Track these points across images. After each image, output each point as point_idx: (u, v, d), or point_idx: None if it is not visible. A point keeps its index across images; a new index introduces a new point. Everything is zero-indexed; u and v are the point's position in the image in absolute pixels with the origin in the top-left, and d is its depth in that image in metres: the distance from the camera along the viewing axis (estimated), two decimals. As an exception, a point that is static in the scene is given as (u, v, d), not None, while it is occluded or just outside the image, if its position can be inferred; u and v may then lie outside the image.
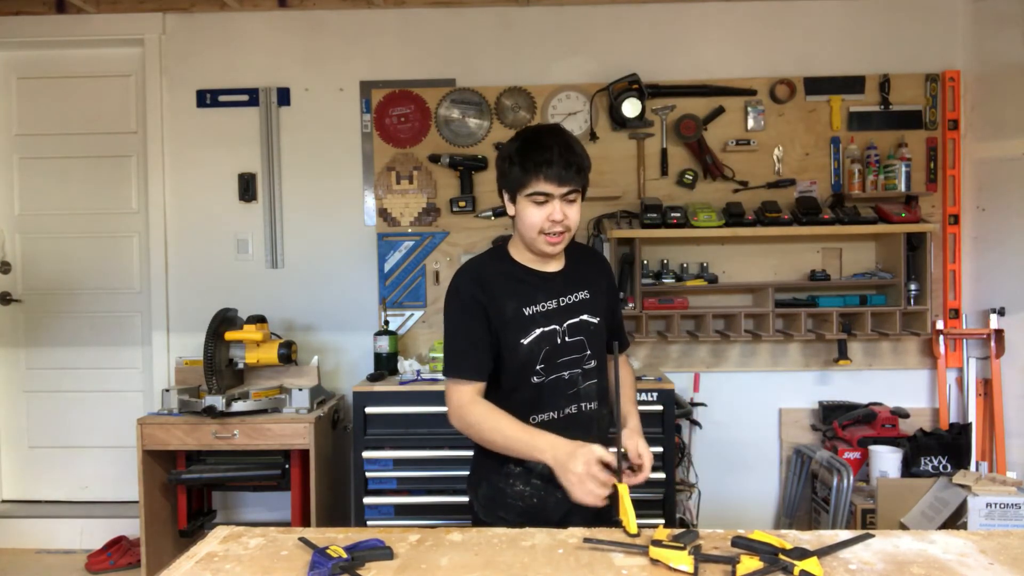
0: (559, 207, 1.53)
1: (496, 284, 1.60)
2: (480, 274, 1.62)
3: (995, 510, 2.23)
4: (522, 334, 1.58)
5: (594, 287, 1.69)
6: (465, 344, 1.59)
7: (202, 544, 1.29)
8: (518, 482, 1.63)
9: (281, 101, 3.36)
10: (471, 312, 1.58)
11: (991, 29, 3.12)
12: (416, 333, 3.32)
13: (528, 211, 1.55)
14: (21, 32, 3.37)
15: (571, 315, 1.63)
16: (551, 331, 1.60)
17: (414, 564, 1.19)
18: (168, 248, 3.41)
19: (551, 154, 1.51)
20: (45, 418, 3.57)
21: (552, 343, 1.60)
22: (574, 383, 1.63)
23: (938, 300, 3.20)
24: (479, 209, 3.28)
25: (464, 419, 1.57)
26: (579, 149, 1.56)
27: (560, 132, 1.58)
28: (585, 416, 1.64)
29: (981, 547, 1.24)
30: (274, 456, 2.94)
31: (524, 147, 1.55)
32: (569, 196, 1.54)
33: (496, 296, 1.59)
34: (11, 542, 3.41)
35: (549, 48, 3.31)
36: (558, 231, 1.55)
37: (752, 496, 3.32)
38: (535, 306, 1.61)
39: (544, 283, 1.63)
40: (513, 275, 1.63)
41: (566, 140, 1.55)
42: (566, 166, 1.51)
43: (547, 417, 1.61)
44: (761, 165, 3.25)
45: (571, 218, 1.56)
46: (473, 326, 1.58)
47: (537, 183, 1.52)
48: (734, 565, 1.15)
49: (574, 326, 1.63)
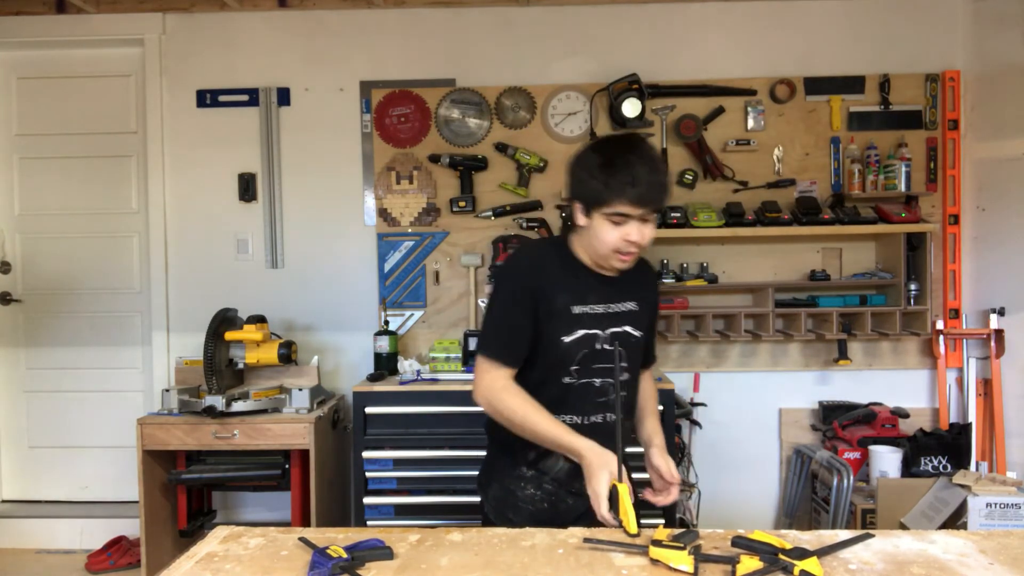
0: (636, 228, 1.50)
1: (552, 274, 1.58)
2: (538, 261, 1.60)
3: (995, 510, 2.23)
4: (565, 331, 1.56)
5: (642, 300, 1.66)
6: (507, 327, 1.58)
7: (202, 544, 1.29)
8: (529, 485, 1.62)
9: (281, 101, 3.36)
10: (520, 297, 1.56)
11: (991, 29, 3.12)
12: (416, 333, 3.32)
13: (604, 229, 1.51)
14: (21, 32, 3.37)
15: (615, 323, 1.61)
16: (592, 335, 1.58)
17: (414, 564, 1.19)
18: (168, 248, 3.41)
19: (637, 175, 1.46)
20: (45, 418, 3.57)
21: (591, 347, 1.58)
22: (604, 392, 1.60)
23: (938, 300, 3.20)
24: (479, 209, 3.28)
25: (494, 405, 1.56)
26: (663, 168, 1.52)
27: (646, 151, 1.51)
28: (609, 427, 1.59)
29: (981, 547, 1.24)
30: (274, 456, 2.94)
31: (608, 164, 1.48)
32: (647, 217, 1.51)
33: (549, 286, 1.56)
34: (11, 542, 3.41)
35: (549, 48, 3.31)
36: (632, 251, 1.53)
37: (752, 496, 3.32)
38: (584, 306, 1.58)
39: (598, 285, 1.60)
40: (570, 269, 1.60)
41: (653, 160, 1.49)
42: (651, 187, 1.47)
43: (570, 420, 1.58)
44: (761, 165, 3.25)
45: (645, 239, 1.52)
46: (518, 311, 1.56)
47: (619, 204, 1.47)
48: (734, 565, 1.15)
49: (615, 336, 1.60)
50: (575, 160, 1.56)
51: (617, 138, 1.57)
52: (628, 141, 1.54)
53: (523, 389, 1.57)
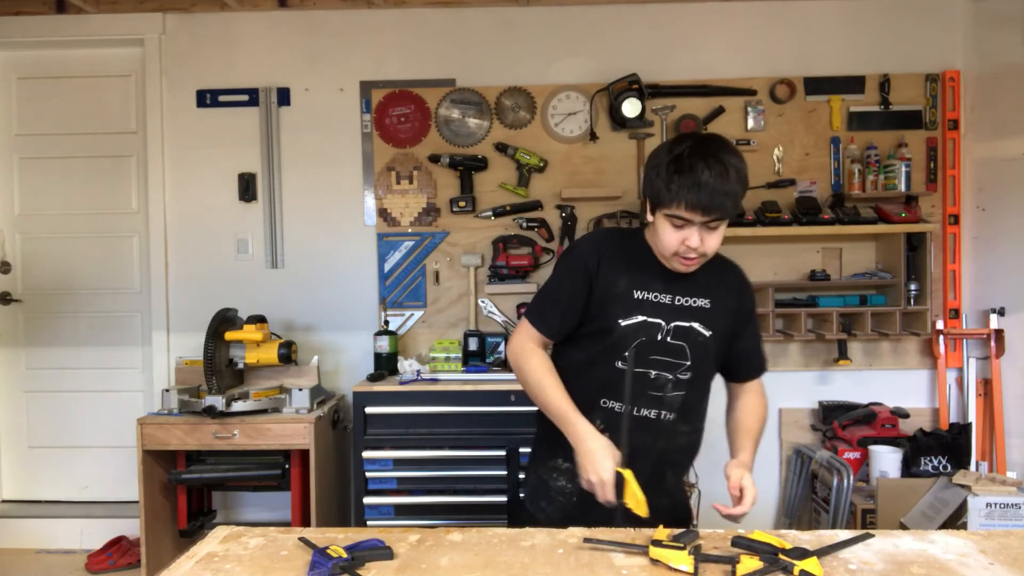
0: (697, 234, 1.43)
1: (617, 257, 1.55)
2: (605, 244, 1.58)
3: (995, 510, 2.23)
4: (624, 314, 1.52)
5: (719, 301, 1.57)
6: (552, 298, 1.59)
7: (202, 544, 1.29)
8: (562, 478, 1.62)
9: (281, 101, 3.36)
10: (576, 276, 1.56)
11: (991, 29, 3.12)
12: (416, 333, 3.32)
13: (664, 230, 1.46)
14: (21, 32, 3.37)
15: (681, 317, 1.54)
16: (654, 324, 1.52)
17: (414, 564, 1.19)
18: (168, 248, 3.41)
19: (702, 180, 1.38)
20: (45, 418, 3.57)
21: (650, 336, 1.52)
22: (660, 387, 1.54)
23: (938, 300, 3.20)
24: (479, 209, 3.28)
25: (519, 361, 1.58)
26: (735, 175, 1.41)
27: (719, 154, 1.41)
28: (659, 424, 1.56)
29: (981, 547, 1.24)
30: (274, 456, 2.94)
31: (676, 163, 1.41)
32: (711, 224, 1.43)
33: (612, 268, 1.54)
34: (11, 542, 3.41)
35: (549, 48, 3.31)
36: (692, 258, 1.47)
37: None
38: (647, 292, 1.53)
39: (665, 274, 1.54)
40: (638, 255, 1.56)
41: (724, 165, 1.40)
42: (714, 194, 1.38)
43: (617, 407, 1.54)
44: (761, 165, 3.25)
45: (709, 245, 1.45)
46: (570, 288, 1.56)
47: (679, 208, 1.41)
48: (734, 565, 1.15)
49: (680, 330, 1.53)
50: (651, 154, 1.52)
51: (695, 137, 1.48)
52: (703, 141, 1.46)
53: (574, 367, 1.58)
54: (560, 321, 1.58)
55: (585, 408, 1.54)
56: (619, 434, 1.52)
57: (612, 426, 1.54)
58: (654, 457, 1.58)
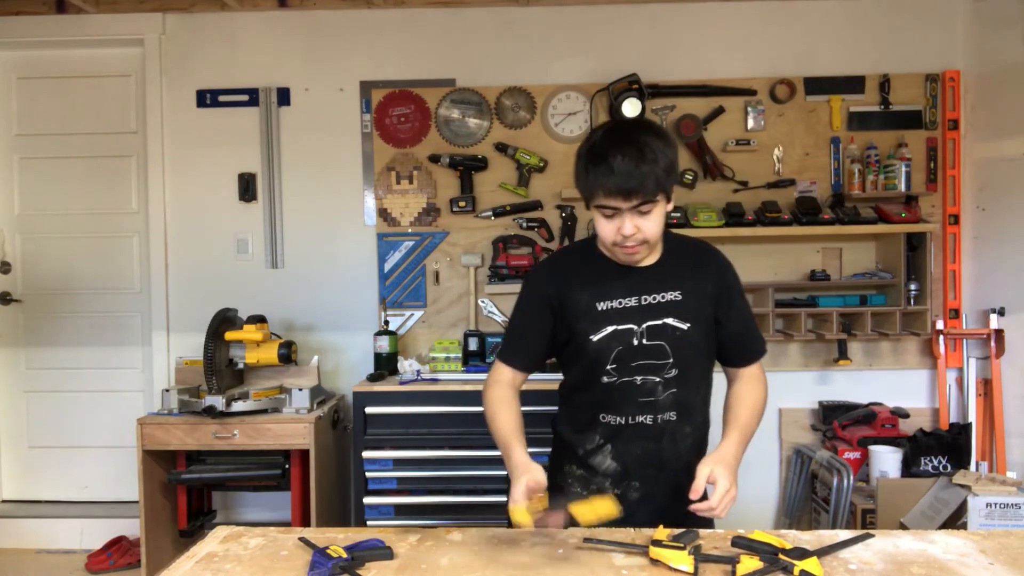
0: (629, 221, 1.38)
1: (574, 273, 1.53)
2: (558, 266, 1.58)
3: (995, 510, 2.23)
4: (593, 330, 1.49)
5: (691, 289, 1.51)
6: (518, 333, 1.59)
7: (202, 544, 1.29)
8: (577, 484, 1.60)
9: (281, 101, 3.36)
10: (534, 300, 1.55)
11: (991, 29, 3.12)
12: (416, 333, 3.32)
13: (599, 223, 1.43)
14: (21, 32, 3.37)
15: (653, 316, 1.49)
16: (626, 330, 1.48)
17: (414, 564, 1.19)
18: (168, 248, 3.41)
19: (615, 165, 1.34)
20: (45, 418, 3.57)
21: (626, 343, 1.48)
22: (650, 391, 1.50)
23: (938, 300, 3.20)
24: (479, 209, 3.28)
25: (485, 394, 1.57)
26: (651, 154, 1.35)
27: (633, 135, 1.38)
28: (658, 428, 1.52)
29: (981, 547, 1.24)
30: (274, 456, 2.94)
31: (590, 154, 1.39)
32: (641, 208, 1.38)
33: (572, 286, 1.52)
34: (11, 542, 3.41)
35: (549, 48, 3.31)
36: (631, 246, 1.42)
37: (752, 496, 3.32)
38: (610, 301, 1.49)
39: (625, 277, 1.50)
40: (595, 266, 1.53)
41: (636, 146, 1.35)
42: (629, 177, 1.34)
43: (615, 421, 1.53)
44: (761, 165, 3.25)
45: (645, 231, 1.40)
46: (530, 314, 1.56)
47: (601, 196, 1.38)
48: (734, 565, 1.15)
49: (655, 329, 1.48)
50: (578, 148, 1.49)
51: (608, 125, 1.46)
52: (616, 127, 1.44)
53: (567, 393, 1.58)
54: (528, 353, 1.58)
55: (588, 425, 1.55)
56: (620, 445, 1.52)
57: (613, 439, 1.54)
58: (664, 464, 1.54)
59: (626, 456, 1.54)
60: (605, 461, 1.56)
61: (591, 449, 1.56)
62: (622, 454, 1.54)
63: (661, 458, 1.54)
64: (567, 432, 1.62)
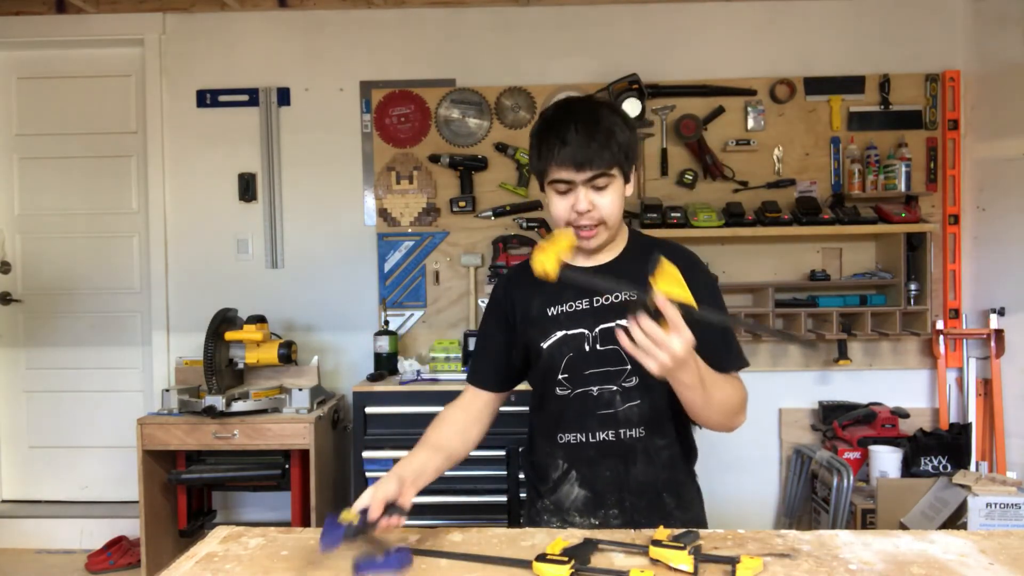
0: (583, 195, 1.30)
1: (525, 282, 1.41)
2: (513, 275, 1.49)
3: (995, 510, 2.23)
4: (543, 337, 1.39)
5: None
6: (480, 348, 1.51)
7: (202, 544, 1.29)
8: (553, 517, 1.46)
9: (281, 101, 3.36)
10: (492, 314, 1.49)
11: (991, 29, 3.12)
12: (416, 333, 3.32)
13: (552, 201, 1.34)
14: (21, 32, 3.37)
15: (606, 318, 1.36)
16: (577, 335, 1.37)
17: (414, 564, 1.19)
18: (168, 248, 3.41)
19: (567, 134, 1.28)
20: (45, 418, 3.57)
21: (577, 350, 1.37)
22: (607, 403, 1.37)
23: (938, 300, 3.20)
24: (479, 209, 3.28)
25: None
26: (608, 124, 1.29)
27: (584, 106, 1.33)
28: (625, 445, 1.38)
29: (981, 547, 1.24)
30: (274, 456, 2.94)
31: (543, 127, 1.34)
32: (595, 182, 1.30)
33: (522, 295, 1.43)
34: (11, 542, 3.41)
35: (549, 48, 3.31)
36: (587, 224, 1.32)
37: (752, 496, 3.32)
38: (560, 305, 1.39)
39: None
40: None
41: (590, 119, 1.30)
42: (585, 145, 1.27)
43: (574, 439, 1.40)
44: (761, 165, 3.25)
45: (601, 208, 1.31)
46: (490, 330, 1.49)
47: (554, 170, 1.30)
48: (734, 565, 1.14)
49: (608, 333, 1.34)
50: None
51: (561, 101, 1.38)
52: (569, 102, 1.36)
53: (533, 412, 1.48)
54: (490, 368, 1.48)
55: (549, 447, 1.44)
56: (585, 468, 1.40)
57: (576, 461, 1.41)
58: (641, 488, 1.40)
59: (595, 481, 1.41)
60: (572, 491, 1.42)
61: (556, 478, 1.43)
62: (590, 480, 1.41)
63: (636, 481, 1.40)
64: (533, 461, 1.51)
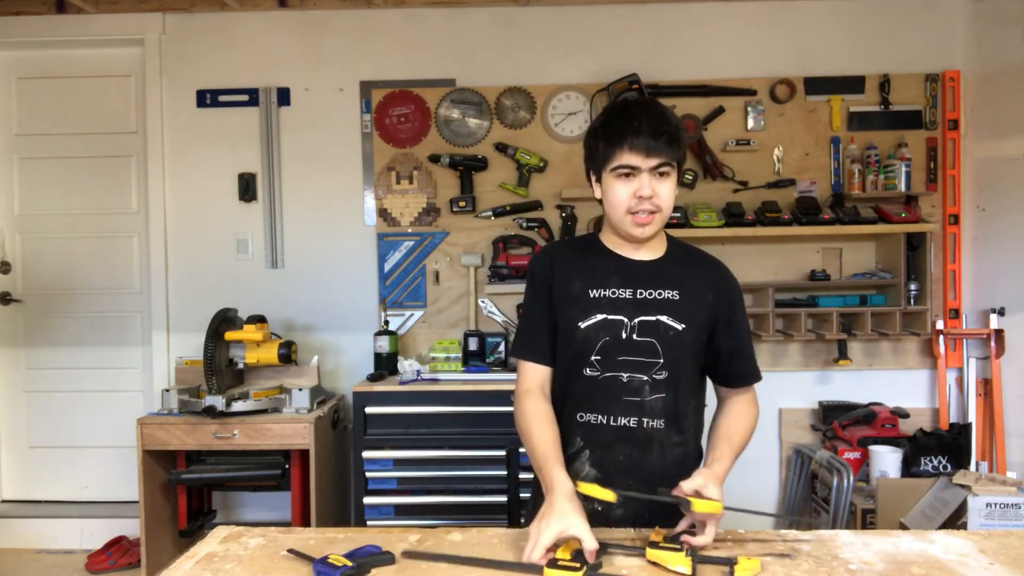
0: (647, 182, 1.38)
1: (569, 261, 1.51)
2: (556, 251, 1.55)
3: (995, 510, 2.23)
4: (583, 316, 1.44)
5: (690, 292, 1.46)
6: (530, 323, 1.53)
7: (202, 544, 1.29)
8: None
9: (281, 101, 3.36)
10: (538, 291, 1.51)
11: (991, 29, 3.12)
12: (416, 333, 3.32)
13: (614, 188, 1.41)
14: (21, 32, 3.37)
15: (646, 311, 1.44)
16: (616, 321, 1.44)
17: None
18: (168, 248, 3.41)
19: (639, 123, 1.37)
20: (45, 418, 3.57)
21: (614, 335, 1.43)
22: (635, 390, 1.43)
23: (938, 300, 3.20)
24: (479, 209, 3.28)
25: (517, 406, 1.48)
26: (674, 120, 1.42)
27: (651, 103, 1.46)
28: (644, 434, 1.44)
29: (981, 547, 1.24)
30: (274, 456, 2.94)
31: (610, 119, 1.43)
32: (660, 169, 1.39)
33: (566, 273, 1.49)
34: (11, 542, 3.41)
35: (549, 48, 3.31)
36: (646, 209, 1.40)
37: (752, 496, 3.32)
38: (604, 289, 1.46)
39: (623, 268, 1.48)
40: (593, 255, 1.51)
41: (658, 110, 1.42)
42: (655, 135, 1.37)
43: (595, 420, 1.45)
44: (761, 165, 3.25)
45: (661, 196, 1.40)
46: (536, 306, 1.51)
47: (622, 155, 1.38)
48: (732, 566, 1.14)
49: (646, 325, 1.43)
50: (586, 133, 1.50)
51: (621, 100, 1.52)
52: (631, 100, 1.48)
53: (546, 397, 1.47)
54: (543, 341, 1.50)
55: (568, 424, 1.47)
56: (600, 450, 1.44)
57: (592, 442, 1.46)
58: (650, 478, 1.42)
59: (607, 464, 1.45)
60: (584, 468, 1.46)
61: (570, 455, 1.45)
62: (602, 461, 1.45)
63: (648, 471, 1.44)
64: None
